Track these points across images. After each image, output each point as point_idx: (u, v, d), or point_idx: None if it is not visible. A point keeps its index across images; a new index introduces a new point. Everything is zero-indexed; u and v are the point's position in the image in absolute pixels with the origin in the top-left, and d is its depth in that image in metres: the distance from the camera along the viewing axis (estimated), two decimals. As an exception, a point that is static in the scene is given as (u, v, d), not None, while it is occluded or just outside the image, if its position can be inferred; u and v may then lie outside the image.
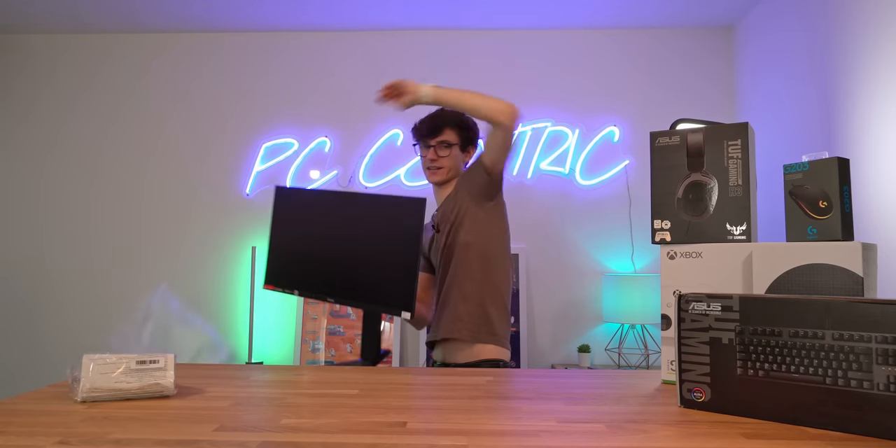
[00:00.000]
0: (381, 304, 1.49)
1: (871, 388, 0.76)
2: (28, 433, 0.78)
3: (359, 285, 1.52)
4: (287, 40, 3.58)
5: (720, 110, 3.45)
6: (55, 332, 3.48)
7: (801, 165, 1.06)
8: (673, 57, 3.49)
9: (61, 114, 3.61)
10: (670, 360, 1.12)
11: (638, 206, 3.41)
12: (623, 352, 3.23)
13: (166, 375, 0.99)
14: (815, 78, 2.62)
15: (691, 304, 0.93)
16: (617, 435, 0.78)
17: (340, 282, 1.55)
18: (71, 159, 3.58)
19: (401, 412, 0.90)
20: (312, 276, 1.60)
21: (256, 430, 0.80)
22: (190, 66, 3.60)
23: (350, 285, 1.53)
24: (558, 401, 0.98)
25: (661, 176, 1.15)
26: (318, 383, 1.12)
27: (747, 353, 0.86)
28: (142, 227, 3.52)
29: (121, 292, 3.48)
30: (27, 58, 3.64)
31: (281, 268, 1.67)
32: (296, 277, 1.63)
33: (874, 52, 2.23)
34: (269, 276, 1.69)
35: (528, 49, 3.52)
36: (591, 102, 3.48)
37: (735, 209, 1.08)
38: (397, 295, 1.45)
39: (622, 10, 3.27)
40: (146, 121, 3.58)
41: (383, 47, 3.55)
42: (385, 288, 1.47)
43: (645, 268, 3.37)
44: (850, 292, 0.94)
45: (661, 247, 1.14)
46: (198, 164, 3.54)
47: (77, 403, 0.94)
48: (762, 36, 3.12)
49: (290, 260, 1.65)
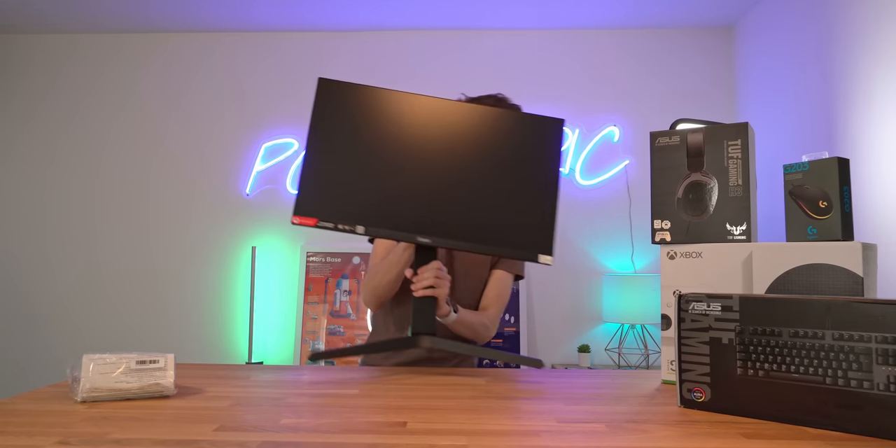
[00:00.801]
0: (511, 246, 1.16)
1: (871, 388, 0.76)
2: (28, 433, 0.78)
3: (480, 222, 1.15)
4: (288, 40, 3.58)
5: (720, 110, 3.45)
6: (56, 331, 3.48)
7: (801, 165, 1.06)
8: (673, 57, 3.49)
9: (63, 113, 3.60)
10: (670, 360, 1.12)
11: (638, 206, 3.40)
12: (623, 352, 3.23)
13: (166, 375, 0.99)
14: (815, 78, 2.62)
15: (691, 304, 0.93)
16: (617, 435, 0.78)
17: (450, 216, 1.15)
18: (72, 159, 3.58)
19: (401, 412, 0.90)
20: (396, 208, 1.15)
21: (256, 430, 0.80)
22: (190, 66, 3.60)
23: (466, 222, 1.15)
24: (558, 401, 0.98)
25: (661, 176, 1.15)
26: (318, 383, 1.12)
27: (747, 353, 0.86)
28: (142, 227, 3.52)
29: (121, 292, 3.48)
30: (27, 58, 3.64)
31: (332, 192, 1.15)
32: (364, 208, 1.15)
33: (874, 52, 2.23)
34: (308, 203, 1.15)
35: (528, 49, 3.52)
36: (591, 102, 3.48)
37: (735, 209, 1.08)
38: (533, 235, 1.16)
39: (622, 10, 3.27)
40: (147, 120, 3.58)
41: (384, 47, 3.55)
42: (517, 226, 1.16)
43: (645, 268, 3.37)
44: (850, 292, 0.94)
45: (661, 247, 1.14)
46: (198, 163, 3.54)
47: (77, 403, 0.94)
48: (762, 36, 3.12)
49: (351, 183, 1.15)
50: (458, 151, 1.17)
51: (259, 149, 3.51)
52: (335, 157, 1.15)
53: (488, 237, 1.16)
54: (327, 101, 1.16)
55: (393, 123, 1.17)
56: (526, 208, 1.17)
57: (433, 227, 1.15)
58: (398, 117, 1.17)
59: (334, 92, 1.17)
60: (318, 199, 1.14)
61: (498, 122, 1.19)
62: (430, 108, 1.18)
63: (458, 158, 1.17)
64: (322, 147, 1.15)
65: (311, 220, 1.13)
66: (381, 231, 1.14)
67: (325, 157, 1.15)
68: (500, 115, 1.20)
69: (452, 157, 1.17)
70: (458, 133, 1.18)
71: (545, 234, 1.16)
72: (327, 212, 1.14)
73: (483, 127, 1.18)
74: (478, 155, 1.17)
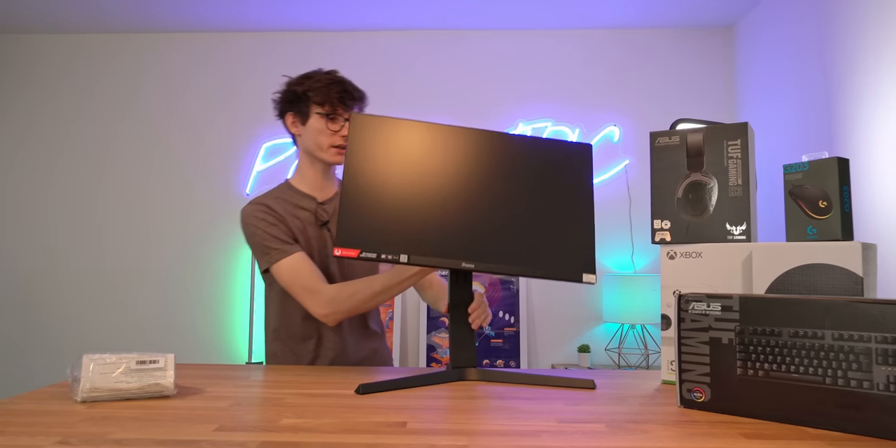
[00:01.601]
0: (554, 267, 1.19)
1: (871, 388, 0.76)
2: (28, 433, 0.78)
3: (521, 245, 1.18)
4: (288, 40, 3.58)
5: (720, 110, 3.45)
6: (56, 331, 3.48)
7: (801, 165, 1.06)
8: (673, 57, 3.49)
9: (64, 113, 3.60)
10: (670, 360, 1.12)
11: (638, 206, 3.41)
12: (623, 352, 3.23)
13: (166, 375, 0.99)
14: (814, 78, 2.62)
15: (691, 304, 0.93)
16: (617, 435, 0.78)
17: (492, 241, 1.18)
18: (73, 159, 3.58)
19: (401, 412, 0.90)
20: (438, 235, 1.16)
21: (256, 430, 0.80)
22: (191, 66, 3.60)
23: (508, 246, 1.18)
24: (558, 401, 0.98)
25: (661, 176, 1.15)
26: (318, 383, 1.12)
27: (747, 353, 0.86)
28: (142, 227, 3.52)
29: (122, 292, 3.48)
30: (26, 58, 3.64)
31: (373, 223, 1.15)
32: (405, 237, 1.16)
33: (874, 52, 2.23)
34: (349, 235, 1.14)
35: (528, 49, 3.52)
36: (591, 102, 3.48)
37: (735, 209, 1.08)
38: (575, 255, 1.19)
39: (622, 10, 3.27)
40: (147, 120, 3.58)
41: (384, 47, 3.55)
42: (558, 247, 1.19)
43: (645, 268, 3.37)
44: (850, 292, 0.94)
45: (661, 247, 1.14)
46: (198, 163, 3.54)
47: (77, 403, 0.94)
48: (762, 36, 3.12)
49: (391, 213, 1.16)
50: (495, 178, 1.21)
51: (259, 149, 3.51)
52: (373, 189, 1.16)
53: (530, 260, 1.18)
54: (361, 136, 1.19)
55: (427, 154, 1.20)
56: (565, 230, 1.20)
57: (475, 253, 1.17)
58: (432, 148, 1.20)
59: (368, 126, 1.19)
60: (360, 230, 1.14)
61: (530, 149, 1.23)
62: (462, 138, 1.22)
63: (494, 185, 1.20)
64: (359, 180, 1.16)
65: (353, 251, 1.13)
66: (424, 259, 1.15)
67: (363, 190, 1.16)
68: (531, 143, 1.23)
69: (489, 184, 1.20)
70: (493, 161, 1.21)
71: (586, 254, 1.20)
72: (369, 243, 1.14)
73: (516, 154, 1.22)
74: (513, 180, 1.21)
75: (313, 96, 1.44)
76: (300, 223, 1.47)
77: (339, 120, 1.45)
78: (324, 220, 1.48)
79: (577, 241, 1.20)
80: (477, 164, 1.20)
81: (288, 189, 1.51)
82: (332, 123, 1.44)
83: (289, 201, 1.48)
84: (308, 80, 1.46)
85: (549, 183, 1.22)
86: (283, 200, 1.48)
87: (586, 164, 1.23)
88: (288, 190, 1.51)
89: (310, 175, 1.51)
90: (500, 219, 1.19)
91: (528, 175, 1.22)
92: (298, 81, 1.47)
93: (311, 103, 1.44)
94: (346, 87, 1.45)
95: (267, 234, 1.42)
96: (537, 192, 1.21)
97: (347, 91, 1.45)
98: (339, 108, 1.44)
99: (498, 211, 1.19)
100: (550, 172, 1.22)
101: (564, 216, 1.21)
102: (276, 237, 1.41)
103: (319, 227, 1.48)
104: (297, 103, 1.46)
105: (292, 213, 1.47)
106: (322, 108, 1.44)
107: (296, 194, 1.50)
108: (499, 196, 1.20)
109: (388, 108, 3.48)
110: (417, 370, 1.24)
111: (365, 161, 1.17)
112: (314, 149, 1.46)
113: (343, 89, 1.44)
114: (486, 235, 1.18)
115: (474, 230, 1.18)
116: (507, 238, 1.18)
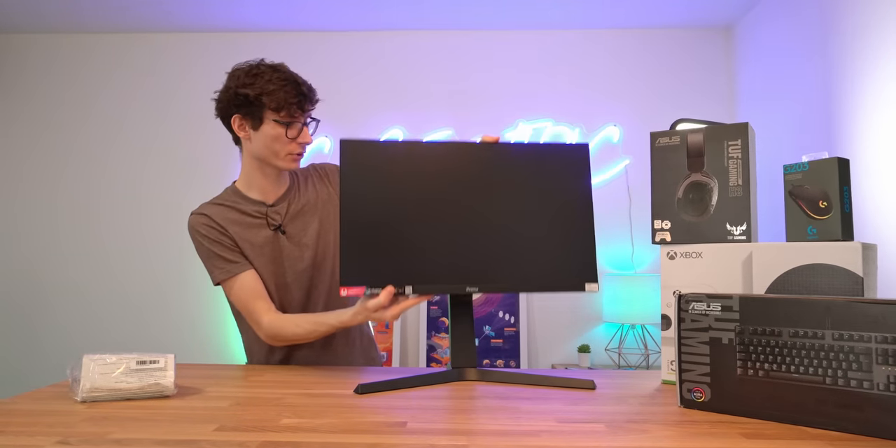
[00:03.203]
0: (556, 280, 1.17)
1: (871, 388, 0.76)
2: (28, 433, 0.78)
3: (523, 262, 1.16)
4: (288, 40, 3.58)
5: (720, 110, 3.45)
6: (56, 331, 3.48)
7: (801, 165, 1.06)
8: (673, 57, 3.49)
9: (62, 113, 3.60)
10: (670, 360, 1.12)
11: (638, 206, 3.40)
12: (623, 352, 3.23)
13: (166, 375, 0.99)
14: (814, 78, 2.62)
15: (691, 304, 0.93)
16: (617, 435, 0.78)
17: (493, 262, 1.15)
18: (70, 162, 3.57)
19: (401, 412, 0.90)
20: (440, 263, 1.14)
21: (256, 430, 0.80)
22: (190, 66, 3.60)
23: (510, 265, 1.16)
24: (558, 401, 0.98)
25: (661, 176, 1.15)
26: (318, 383, 1.12)
27: (747, 353, 0.86)
28: (142, 227, 3.51)
29: (122, 292, 3.48)
30: (26, 58, 3.64)
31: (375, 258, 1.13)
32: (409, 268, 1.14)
33: (874, 52, 2.23)
34: (353, 273, 1.12)
35: (528, 49, 3.52)
36: (591, 102, 3.48)
37: (735, 209, 1.08)
38: (576, 265, 1.16)
39: (622, 10, 3.27)
40: (146, 120, 3.58)
41: (384, 48, 3.55)
42: (559, 259, 1.17)
43: (645, 268, 3.37)
44: (850, 292, 0.94)
45: (661, 247, 1.14)
46: (198, 163, 3.54)
47: (77, 403, 0.94)
48: (762, 36, 3.12)
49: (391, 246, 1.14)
50: (492, 194, 1.18)
51: (259, 149, 3.51)
52: (370, 223, 1.14)
53: (532, 275, 1.16)
54: (352, 163, 1.15)
55: (422, 175, 1.17)
56: (565, 240, 1.18)
57: (478, 275, 1.15)
58: (425, 168, 1.17)
59: (357, 152, 1.16)
60: (362, 266, 1.13)
61: (525, 157, 1.20)
62: (455, 153, 1.19)
63: (492, 202, 1.18)
64: (357, 214, 1.14)
65: (359, 288, 1.12)
66: (428, 288, 1.14)
67: (361, 225, 1.14)
68: (525, 150, 1.20)
69: (486, 202, 1.18)
70: (489, 174, 1.18)
71: (587, 262, 1.17)
72: (373, 278, 1.13)
73: (511, 164, 1.19)
74: (510, 194, 1.18)
75: (268, 102, 1.29)
76: (249, 232, 1.37)
77: (296, 126, 1.32)
78: (276, 224, 1.38)
79: (577, 250, 1.18)
80: (473, 181, 1.17)
81: (234, 195, 1.40)
82: (291, 130, 1.32)
83: (235, 208, 1.38)
84: (257, 79, 1.30)
85: (547, 192, 1.19)
86: (228, 208, 1.38)
87: (584, 166, 1.20)
88: (234, 196, 1.40)
89: (258, 179, 1.39)
90: (500, 238, 1.17)
91: (526, 186, 1.19)
92: (247, 81, 1.31)
93: (266, 109, 1.30)
94: (302, 90, 1.32)
95: (210, 252, 1.35)
96: (535, 204, 1.18)
97: (304, 94, 1.32)
98: (297, 113, 1.31)
99: (497, 230, 1.17)
100: (548, 180, 1.19)
101: (564, 226, 1.18)
102: (218, 255, 1.34)
103: (273, 231, 1.38)
104: (246, 107, 1.31)
105: (239, 221, 1.37)
106: (278, 114, 1.30)
107: (243, 200, 1.39)
108: (497, 213, 1.17)
109: (387, 108, 3.48)
110: (417, 370, 1.24)
111: (360, 193, 1.14)
112: (267, 155, 1.34)
113: (299, 92, 1.31)
114: (487, 256, 1.16)
115: (475, 253, 1.16)
116: (509, 256, 1.16)
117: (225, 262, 1.34)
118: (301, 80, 1.34)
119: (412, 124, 3.47)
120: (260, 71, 1.32)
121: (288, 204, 1.41)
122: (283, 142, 1.32)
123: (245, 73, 1.33)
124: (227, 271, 1.34)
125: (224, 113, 1.37)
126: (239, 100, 1.32)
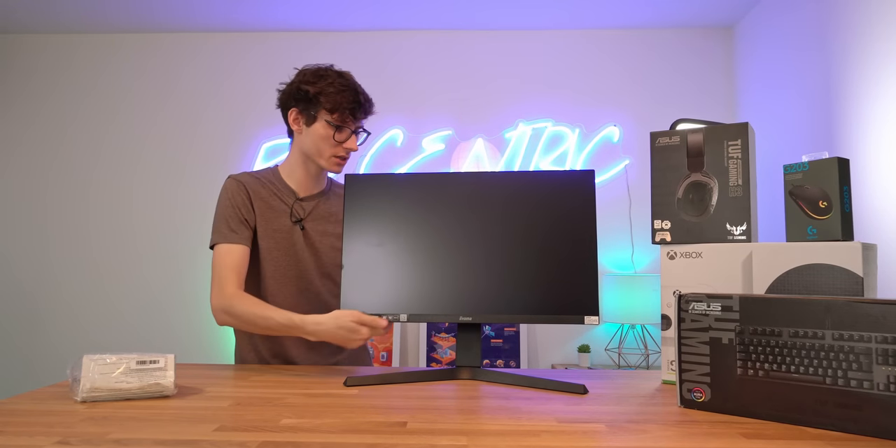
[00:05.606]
0: (555, 312, 1.15)
1: (871, 388, 0.76)
2: (28, 433, 0.78)
3: (522, 292, 1.16)
4: (288, 40, 3.58)
5: (720, 110, 3.45)
6: (56, 332, 3.48)
7: (801, 165, 1.06)
8: (673, 57, 3.49)
9: (62, 113, 3.60)
10: (670, 360, 1.12)
11: (638, 206, 3.40)
12: (623, 352, 3.23)
13: (166, 375, 0.99)
14: (815, 78, 2.62)
15: (691, 304, 0.93)
16: (617, 435, 0.78)
17: (491, 292, 1.17)
18: (71, 160, 3.57)
19: (401, 412, 0.90)
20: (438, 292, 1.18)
21: (256, 430, 0.80)
22: (190, 66, 3.60)
23: (508, 295, 1.16)
24: (558, 401, 0.98)
25: (662, 176, 1.15)
26: (319, 383, 1.12)
27: (747, 353, 0.86)
28: (142, 227, 3.52)
29: (122, 292, 3.48)
30: (25, 57, 3.64)
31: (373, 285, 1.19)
32: (406, 296, 1.18)
33: (874, 52, 2.23)
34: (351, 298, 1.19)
35: (528, 49, 3.52)
36: (591, 102, 3.48)
37: (735, 209, 1.08)
38: (576, 298, 1.15)
39: (622, 10, 3.27)
40: (146, 120, 3.58)
41: (384, 47, 3.55)
42: (559, 290, 1.15)
43: (645, 268, 3.37)
44: (850, 292, 0.94)
45: (661, 247, 1.14)
46: (198, 163, 3.54)
47: (77, 403, 0.94)
48: (762, 36, 3.12)
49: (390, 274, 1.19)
50: (492, 225, 1.19)
51: (259, 149, 3.51)
52: (371, 253, 1.19)
53: (530, 307, 1.16)
54: (357, 197, 1.22)
55: (424, 207, 1.21)
56: (566, 272, 1.17)
57: (474, 305, 1.17)
58: (427, 200, 1.21)
59: (362, 185, 1.22)
60: (361, 293, 1.19)
61: (528, 185, 1.20)
62: (458, 185, 1.21)
63: (493, 233, 1.19)
64: (358, 244, 1.20)
65: None
66: (423, 316, 1.17)
67: (361, 254, 1.20)
68: (528, 178, 1.20)
69: (487, 233, 1.19)
70: (490, 205, 1.20)
71: (589, 293, 1.15)
72: (371, 305, 1.18)
73: (514, 193, 1.20)
74: (511, 226, 1.19)
75: (325, 101, 1.36)
76: (271, 213, 1.42)
77: (346, 131, 1.39)
78: (298, 217, 1.43)
79: (578, 282, 1.16)
80: (474, 213, 1.19)
81: (274, 177, 1.47)
82: (339, 134, 1.38)
83: (270, 188, 1.44)
84: (321, 80, 1.38)
85: (549, 223, 1.18)
86: (266, 184, 1.44)
87: (587, 193, 1.18)
88: (274, 177, 1.47)
89: (299, 173, 1.45)
90: (498, 269, 1.17)
91: (527, 217, 1.19)
92: (311, 80, 1.39)
93: (321, 108, 1.37)
94: (359, 99, 1.39)
95: (224, 214, 1.40)
96: (537, 235, 1.18)
97: (360, 103, 1.39)
98: (348, 119, 1.38)
99: (496, 261, 1.18)
100: (550, 210, 1.18)
101: (565, 258, 1.17)
102: (228, 221, 1.39)
103: (293, 224, 1.43)
104: (305, 102, 1.39)
105: (267, 200, 1.43)
106: (331, 115, 1.37)
107: (279, 184, 1.45)
108: (497, 245, 1.18)
109: (387, 108, 3.48)
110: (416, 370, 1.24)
111: (360, 223, 1.21)
112: (313, 153, 1.41)
113: (356, 99, 1.38)
114: (484, 287, 1.17)
115: (473, 283, 1.17)
116: (506, 287, 1.17)
117: (229, 230, 1.39)
118: (361, 90, 1.41)
119: (412, 125, 3.47)
120: (326, 73, 1.40)
121: (316, 204, 1.47)
122: (331, 143, 1.39)
123: (312, 73, 1.41)
124: (224, 236, 1.38)
125: (284, 104, 1.44)
126: (300, 94, 1.39)
